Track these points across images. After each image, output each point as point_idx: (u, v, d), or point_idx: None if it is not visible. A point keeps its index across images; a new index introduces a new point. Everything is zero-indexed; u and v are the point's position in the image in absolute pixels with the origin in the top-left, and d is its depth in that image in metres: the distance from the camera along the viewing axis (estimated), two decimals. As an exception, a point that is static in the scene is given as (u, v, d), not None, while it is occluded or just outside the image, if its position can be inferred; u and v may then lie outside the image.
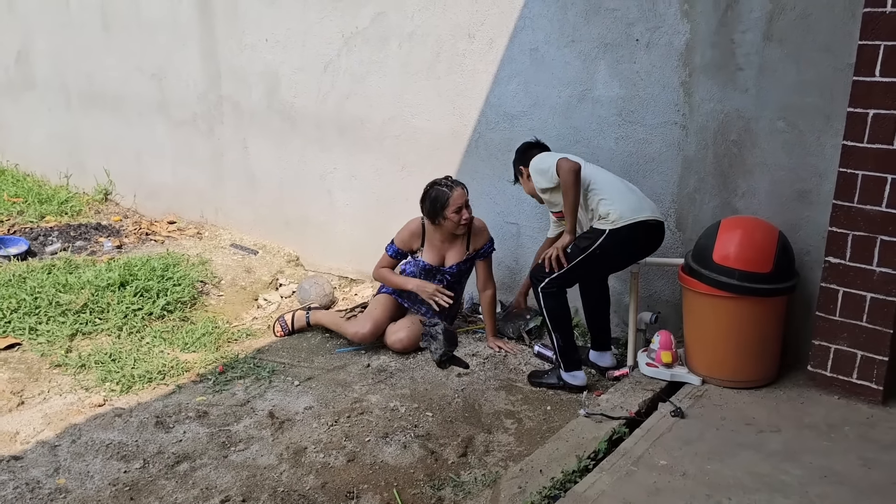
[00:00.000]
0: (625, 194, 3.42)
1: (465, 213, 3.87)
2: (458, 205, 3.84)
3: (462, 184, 3.92)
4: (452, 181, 3.90)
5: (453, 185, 3.86)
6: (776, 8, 3.27)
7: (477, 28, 4.15)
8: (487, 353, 3.97)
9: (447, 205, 3.83)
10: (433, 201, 3.86)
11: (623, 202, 3.39)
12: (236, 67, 5.30)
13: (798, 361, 3.48)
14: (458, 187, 3.86)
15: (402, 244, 4.09)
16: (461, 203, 3.85)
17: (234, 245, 5.49)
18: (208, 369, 3.83)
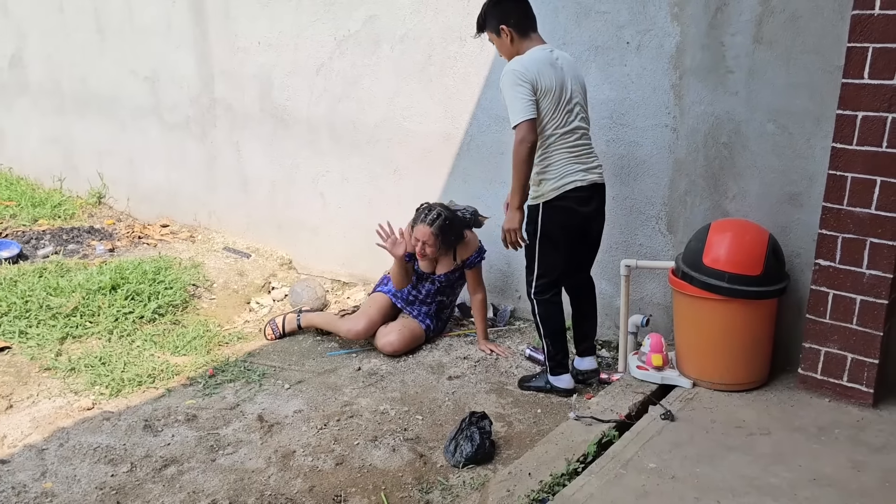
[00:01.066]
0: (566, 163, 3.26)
1: (418, 246, 3.87)
2: (416, 236, 3.88)
3: (440, 227, 3.84)
4: (435, 217, 3.82)
5: (425, 221, 3.83)
6: (765, 10, 3.27)
7: (468, 31, 4.11)
8: (478, 357, 3.96)
9: (415, 225, 3.91)
10: (416, 213, 3.95)
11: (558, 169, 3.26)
12: (229, 70, 5.29)
13: (789, 364, 3.47)
14: (425, 225, 3.83)
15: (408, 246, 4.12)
16: (419, 237, 3.86)
17: (226, 248, 5.48)
18: (198, 373, 3.82)
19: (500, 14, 3.24)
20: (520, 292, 4.39)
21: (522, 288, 4.34)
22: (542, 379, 3.57)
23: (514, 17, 3.24)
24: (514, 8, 3.25)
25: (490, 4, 3.28)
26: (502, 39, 3.26)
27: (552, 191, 3.27)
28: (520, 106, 3.11)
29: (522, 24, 3.25)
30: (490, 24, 3.28)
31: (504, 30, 3.23)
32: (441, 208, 3.87)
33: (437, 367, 3.85)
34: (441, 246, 3.89)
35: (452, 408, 3.43)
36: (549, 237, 3.34)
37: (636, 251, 3.84)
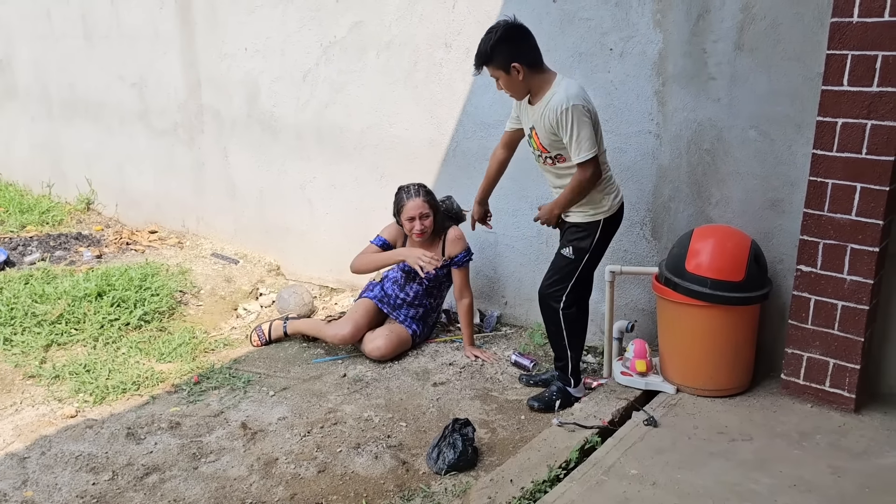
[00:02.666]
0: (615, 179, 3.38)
1: (416, 224, 3.93)
2: (410, 214, 3.93)
3: (427, 194, 3.96)
4: (418, 189, 3.94)
5: (413, 194, 3.92)
6: (746, 18, 3.28)
7: (454, 37, 4.15)
8: (464, 363, 3.96)
9: (402, 210, 3.97)
10: (395, 203, 4.01)
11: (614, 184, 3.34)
12: (216, 76, 5.29)
13: (772, 369, 3.48)
14: (417, 197, 3.91)
15: (389, 237, 4.18)
16: (414, 214, 3.93)
17: (214, 254, 5.47)
18: (183, 380, 3.81)
19: (511, 51, 3.06)
20: (506, 298, 4.40)
21: (508, 293, 4.38)
22: (560, 395, 3.44)
23: (526, 54, 3.09)
24: (525, 43, 3.10)
25: (497, 41, 3.05)
26: (511, 77, 3.10)
27: (615, 204, 3.29)
28: (590, 142, 3.06)
29: (533, 59, 3.12)
30: (497, 61, 3.08)
31: (516, 67, 3.07)
32: (414, 184, 3.99)
33: (423, 373, 3.85)
34: (436, 221, 3.99)
35: (437, 414, 3.43)
36: (597, 254, 3.34)
37: (621, 257, 3.85)
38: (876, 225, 2.97)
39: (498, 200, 4.21)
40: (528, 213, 4.16)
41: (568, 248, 3.33)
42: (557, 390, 3.47)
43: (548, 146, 3.21)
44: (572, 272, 3.33)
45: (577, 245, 3.31)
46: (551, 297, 3.38)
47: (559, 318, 3.37)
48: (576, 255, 3.32)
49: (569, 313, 3.37)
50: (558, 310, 3.37)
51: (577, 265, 3.33)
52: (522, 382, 3.74)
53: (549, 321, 3.43)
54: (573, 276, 3.33)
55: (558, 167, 3.25)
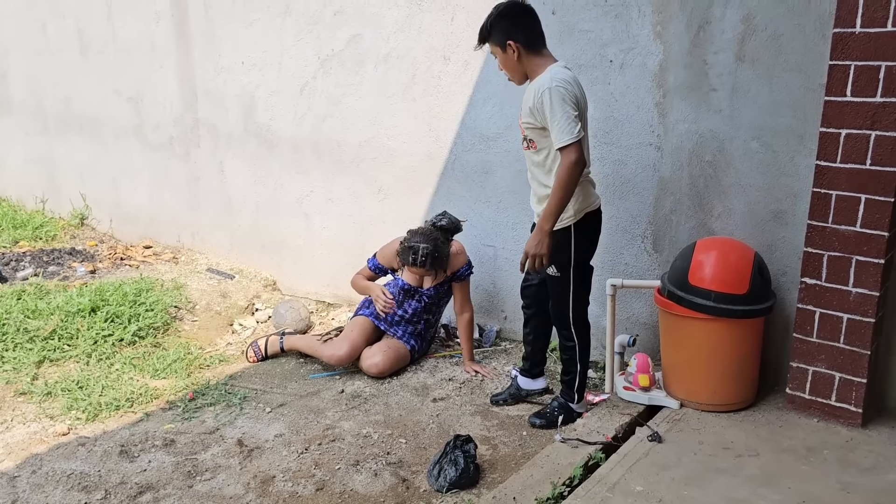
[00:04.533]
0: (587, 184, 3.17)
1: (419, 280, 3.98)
2: (414, 272, 3.93)
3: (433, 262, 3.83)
4: (425, 258, 3.79)
5: (420, 263, 3.81)
6: (748, 29, 3.27)
7: (452, 50, 4.13)
8: (464, 378, 3.90)
9: (406, 265, 3.93)
10: (401, 250, 3.92)
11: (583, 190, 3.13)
12: (213, 90, 5.26)
13: (777, 383, 3.44)
14: (422, 267, 3.83)
15: (382, 259, 4.12)
16: (417, 274, 3.94)
17: (210, 269, 5.42)
18: (178, 396, 3.74)
19: (508, 28, 3.02)
20: (506, 312, 4.35)
21: (508, 308, 4.33)
22: (561, 411, 3.38)
23: (523, 33, 3.03)
24: (522, 22, 3.04)
25: (496, 16, 3.04)
26: (507, 55, 3.05)
27: (581, 210, 3.13)
28: (571, 124, 2.90)
29: (531, 40, 3.04)
30: (495, 37, 3.06)
31: (511, 45, 3.02)
32: (424, 244, 3.81)
33: (422, 388, 3.79)
34: (439, 273, 3.93)
35: (437, 431, 3.37)
36: (581, 261, 3.22)
37: (622, 270, 3.81)
38: (881, 236, 2.94)
39: (498, 213, 4.20)
40: (528, 226, 4.08)
41: (551, 266, 3.21)
42: (559, 406, 3.41)
43: (524, 126, 3.14)
44: (566, 288, 3.25)
45: (557, 260, 3.17)
46: (560, 318, 3.32)
47: (571, 333, 3.31)
48: (560, 270, 3.22)
49: (581, 330, 3.32)
50: (570, 328, 3.31)
51: (566, 280, 3.23)
52: (493, 403, 3.63)
53: (563, 337, 3.36)
54: (568, 290, 3.25)
55: (531, 154, 3.16)
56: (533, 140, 3.12)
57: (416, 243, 3.81)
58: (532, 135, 3.11)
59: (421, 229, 3.91)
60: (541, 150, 3.09)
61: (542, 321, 3.49)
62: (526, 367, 3.60)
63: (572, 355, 3.34)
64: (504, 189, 4.15)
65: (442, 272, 3.91)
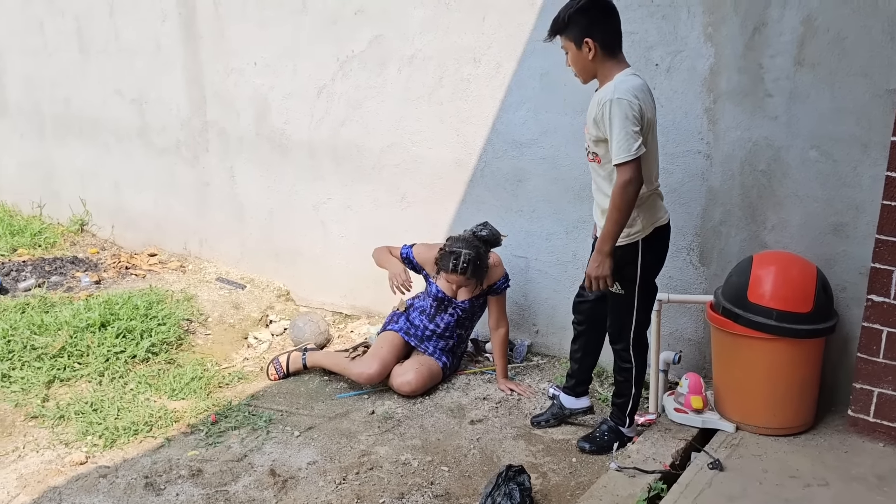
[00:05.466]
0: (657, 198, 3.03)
1: (455, 289, 3.77)
2: (451, 280, 3.71)
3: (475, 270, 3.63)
4: (466, 265, 3.58)
5: (460, 270, 3.59)
6: (808, 31, 3.10)
7: (483, 52, 3.94)
8: (499, 397, 3.71)
9: (444, 271, 3.70)
10: (440, 257, 3.72)
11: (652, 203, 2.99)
12: (223, 92, 5.04)
13: (833, 404, 3.28)
14: (462, 275, 3.61)
15: (419, 258, 3.90)
16: (455, 283, 3.72)
17: (220, 279, 5.20)
18: (199, 419, 3.53)
19: (588, 24, 2.79)
20: (537, 326, 4.16)
21: (540, 321, 4.15)
22: (613, 435, 3.20)
23: (603, 32, 2.81)
24: (605, 21, 2.82)
25: (576, 10, 2.80)
26: (582, 53, 2.83)
27: (650, 224, 2.96)
28: (632, 142, 2.72)
29: (610, 41, 2.83)
30: (572, 31, 2.82)
31: (588, 43, 2.80)
32: (466, 250, 3.61)
33: (457, 409, 3.60)
34: (477, 284, 3.70)
35: (479, 457, 3.19)
36: (647, 279, 3.04)
37: (666, 284, 3.63)
38: (957, 252, 2.78)
39: (531, 223, 4.02)
40: (563, 237, 3.94)
41: (615, 284, 3.03)
42: (609, 430, 3.23)
43: (588, 138, 2.96)
44: (629, 307, 3.06)
45: (622, 276, 2.99)
46: (620, 341, 3.13)
47: (629, 354, 3.13)
48: (625, 287, 3.03)
49: (638, 347, 3.13)
50: (629, 350, 3.12)
51: (631, 298, 3.05)
52: (534, 424, 3.46)
53: (620, 359, 3.17)
54: (632, 309, 3.06)
55: (596, 166, 2.98)
56: (597, 154, 2.94)
57: (458, 248, 3.62)
58: (596, 147, 2.93)
59: (462, 236, 3.73)
60: (605, 163, 2.91)
61: (594, 339, 3.29)
62: (570, 384, 3.41)
63: (628, 377, 3.15)
64: (538, 198, 3.97)
65: (479, 284, 3.72)
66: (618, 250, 2.96)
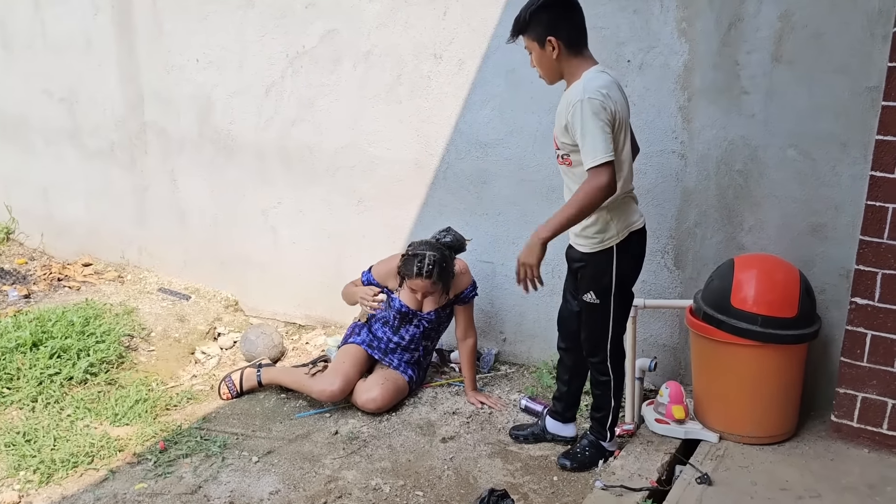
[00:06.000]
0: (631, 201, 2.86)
1: (420, 297, 3.54)
2: (413, 287, 3.49)
3: (440, 273, 3.41)
4: (431, 268, 3.37)
5: (425, 274, 3.38)
6: (785, 27, 3.00)
7: (444, 47, 3.74)
8: (470, 411, 3.53)
9: (407, 278, 3.48)
10: (402, 263, 3.50)
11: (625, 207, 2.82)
12: (162, 91, 4.72)
13: (813, 409, 3.21)
14: (427, 279, 3.39)
15: (378, 277, 3.66)
16: (419, 290, 3.49)
17: (162, 290, 4.87)
18: (146, 447, 3.25)
19: (550, 22, 2.64)
20: (505, 334, 4.00)
21: (507, 329, 3.98)
22: (594, 450, 3.05)
23: (567, 29, 2.66)
24: (567, 17, 2.67)
25: (537, 7, 2.65)
26: (545, 52, 2.68)
27: (625, 229, 2.78)
28: (604, 143, 2.56)
29: (574, 38, 2.68)
30: (534, 30, 2.67)
31: (551, 42, 2.64)
32: (430, 252, 3.41)
33: (427, 426, 3.40)
34: (442, 291, 3.48)
35: (455, 479, 2.99)
36: (623, 287, 2.86)
37: (640, 288, 3.48)
38: (943, 253, 2.72)
39: (497, 226, 3.85)
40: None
41: (588, 292, 2.87)
42: (590, 444, 3.07)
43: (558, 141, 2.79)
44: (605, 317, 2.89)
45: (596, 285, 2.84)
46: (596, 353, 2.96)
47: (606, 367, 2.96)
48: (600, 296, 2.86)
49: (616, 358, 2.96)
50: (606, 362, 2.95)
51: (606, 307, 2.87)
52: (513, 438, 3.29)
53: (598, 372, 3.00)
54: (608, 319, 2.89)
55: (566, 170, 2.82)
56: (567, 156, 2.77)
57: (421, 251, 3.42)
58: (566, 151, 2.76)
59: (424, 241, 3.52)
60: (576, 166, 2.74)
61: (581, 360, 3.08)
62: (558, 408, 3.23)
63: (606, 390, 3.00)
64: (503, 201, 3.80)
65: (445, 294, 3.52)
66: (591, 257, 2.83)
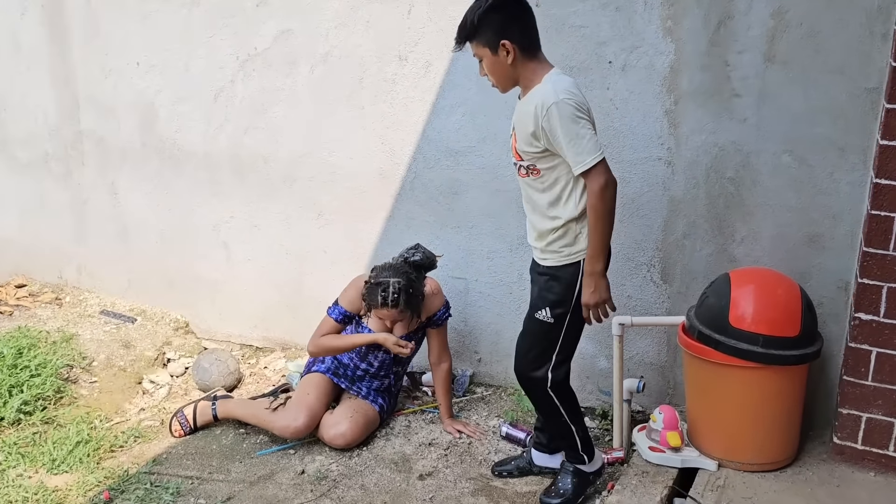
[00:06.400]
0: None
1: (385, 323, 3.25)
2: (381, 317, 3.20)
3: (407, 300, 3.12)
4: (396, 297, 3.07)
5: (391, 303, 3.08)
6: (779, 25, 2.81)
7: (410, 48, 3.47)
8: (447, 441, 3.27)
9: (373, 308, 3.18)
10: (367, 292, 3.18)
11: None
12: (99, 96, 4.34)
13: (811, 429, 3.03)
14: (394, 308, 3.09)
15: (349, 304, 3.28)
16: (386, 319, 3.20)
17: (105, 312, 4.49)
18: (89, 497, 2.91)
19: (502, 24, 2.42)
20: (480, 354, 3.75)
21: (483, 348, 3.74)
22: (573, 479, 2.78)
23: (520, 31, 2.45)
24: (519, 18, 2.46)
25: (486, 9, 2.43)
26: (499, 58, 2.46)
27: None
28: (592, 142, 2.40)
29: (528, 41, 2.47)
30: (484, 35, 2.45)
31: (505, 46, 2.43)
32: (394, 279, 3.11)
33: (402, 461, 3.13)
34: (412, 316, 3.20)
35: (436, 522, 2.74)
36: (580, 307, 2.59)
37: (625, 304, 3.29)
38: (953, 265, 2.56)
39: (469, 240, 3.61)
40: (506, 255, 3.54)
41: (544, 309, 2.61)
42: (571, 475, 2.80)
43: (521, 152, 2.55)
44: (554, 340, 2.63)
45: (554, 302, 2.58)
46: (534, 376, 2.69)
47: (550, 397, 2.69)
48: (556, 318, 2.59)
49: (561, 388, 2.70)
50: (546, 389, 2.68)
51: (558, 330, 2.61)
52: (496, 475, 3.03)
53: (539, 401, 2.76)
54: (556, 343, 2.63)
55: (531, 181, 2.58)
56: (534, 166, 2.53)
57: (384, 278, 3.12)
58: (532, 160, 2.52)
59: (388, 264, 3.23)
60: (545, 176, 2.51)
61: None
62: (542, 439, 2.97)
63: (559, 420, 2.73)
64: (477, 212, 3.55)
65: (416, 317, 3.25)
66: (555, 272, 2.58)
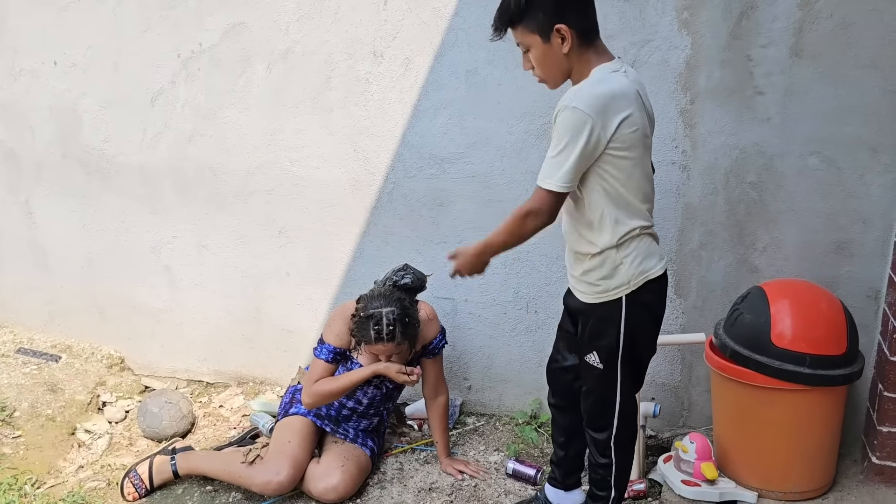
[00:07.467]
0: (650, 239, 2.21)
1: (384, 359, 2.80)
2: (376, 353, 2.77)
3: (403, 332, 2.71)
4: (392, 329, 2.67)
5: (386, 338, 2.67)
6: (807, 16, 2.59)
7: (386, 44, 3.09)
8: (449, 484, 2.91)
9: (365, 344, 2.76)
10: (357, 327, 2.74)
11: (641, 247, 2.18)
12: (8, 101, 3.74)
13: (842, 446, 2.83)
14: (387, 343, 2.68)
15: (337, 340, 2.83)
16: (382, 354, 2.76)
17: (22, 350, 3.89)
18: (32, 589, 2.40)
19: (557, 6, 1.99)
20: (470, 381, 3.41)
21: (473, 375, 3.41)
22: None
23: (579, 11, 2.03)
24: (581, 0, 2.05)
25: None
26: (552, 46, 2.03)
27: (639, 276, 2.14)
28: (566, 170, 1.99)
29: (589, 23, 2.06)
30: (534, 18, 2.01)
31: (561, 31, 2.00)
32: (387, 308, 2.69)
33: (404, 513, 2.76)
34: (410, 347, 2.80)
35: (461, 588, 2.37)
36: (635, 348, 2.21)
37: (635, 321, 3.02)
38: None
39: (457, 257, 3.23)
40: (500, 271, 3.21)
41: (591, 353, 2.24)
42: None
43: None
44: (612, 386, 2.25)
45: (600, 345, 2.22)
46: (598, 430, 2.34)
47: (610, 451, 2.34)
48: (605, 359, 2.22)
49: (623, 441, 2.35)
50: (610, 440, 2.33)
51: (612, 372, 2.23)
52: None
53: (598, 452, 2.38)
54: (614, 391, 2.26)
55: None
56: None
57: (376, 309, 2.72)
58: None
59: (376, 291, 2.82)
60: (582, 195, 2.12)
61: (579, 419, 2.45)
62: (557, 475, 2.64)
63: (605, 475, 2.38)
64: (466, 225, 3.20)
65: (412, 347, 2.86)
66: (593, 310, 2.21)
